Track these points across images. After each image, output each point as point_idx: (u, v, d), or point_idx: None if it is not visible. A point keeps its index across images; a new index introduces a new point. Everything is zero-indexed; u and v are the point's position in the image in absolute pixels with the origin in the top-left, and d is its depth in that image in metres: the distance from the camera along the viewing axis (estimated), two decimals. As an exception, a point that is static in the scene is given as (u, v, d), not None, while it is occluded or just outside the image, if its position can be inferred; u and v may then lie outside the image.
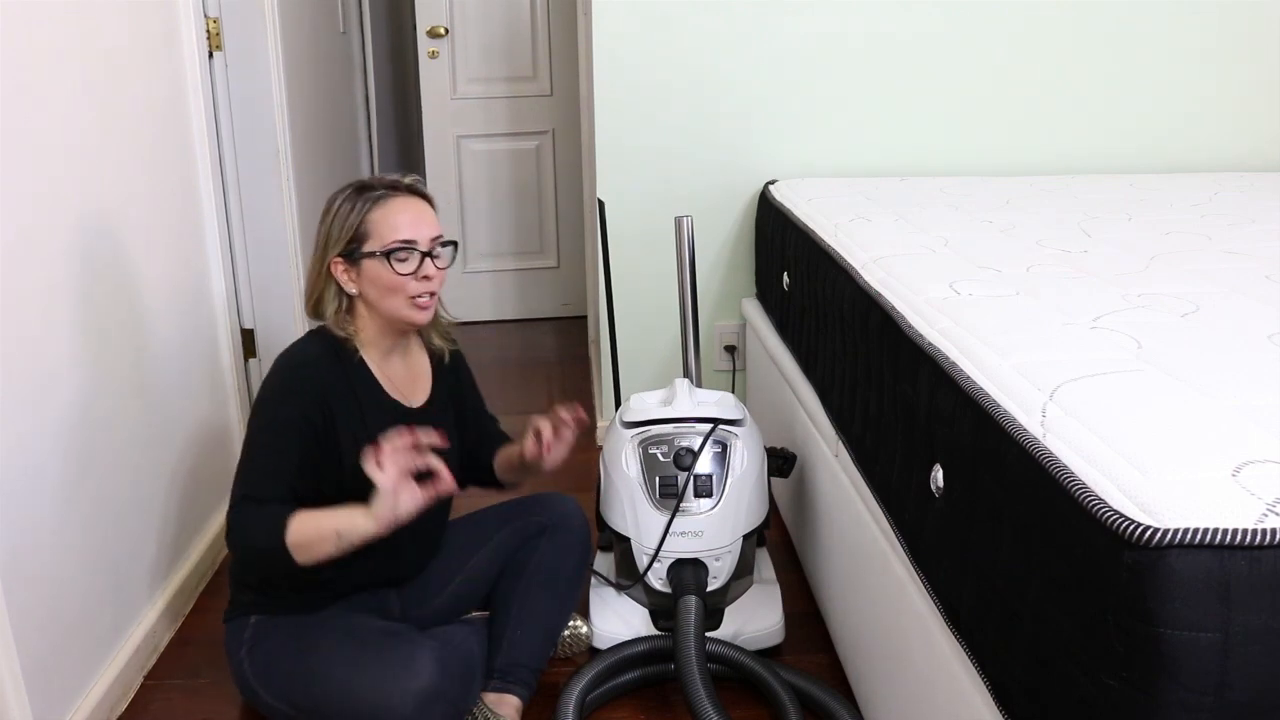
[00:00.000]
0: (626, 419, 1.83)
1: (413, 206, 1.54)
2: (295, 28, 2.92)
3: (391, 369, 1.62)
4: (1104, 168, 2.65)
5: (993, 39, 2.55)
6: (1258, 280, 1.46)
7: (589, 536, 1.79)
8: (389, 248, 1.50)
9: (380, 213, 1.51)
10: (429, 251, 1.53)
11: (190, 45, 2.12)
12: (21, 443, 1.46)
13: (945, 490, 1.20)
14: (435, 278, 1.54)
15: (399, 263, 1.50)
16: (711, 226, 2.62)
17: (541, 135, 3.94)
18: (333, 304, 1.56)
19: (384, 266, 1.50)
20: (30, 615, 1.47)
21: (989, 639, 1.08)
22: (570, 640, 1.83)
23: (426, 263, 1.52)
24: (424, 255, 1.52)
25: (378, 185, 1.54)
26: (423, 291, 1.53)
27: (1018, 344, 1.20)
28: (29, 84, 1.50)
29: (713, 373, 2.75)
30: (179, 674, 1.82)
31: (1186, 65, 2.60)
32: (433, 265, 1.53)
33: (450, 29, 3.80)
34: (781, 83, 2.54)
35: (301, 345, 1.57)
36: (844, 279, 1.70)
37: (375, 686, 1.43)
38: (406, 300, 1.53)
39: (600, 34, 2.48)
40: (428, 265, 1.52)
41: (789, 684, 1.63)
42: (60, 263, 1.59)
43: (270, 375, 1.55)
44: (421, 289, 1.52)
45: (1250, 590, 0.78)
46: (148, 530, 1.87)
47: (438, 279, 1.55)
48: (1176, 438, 0.92)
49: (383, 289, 1.52)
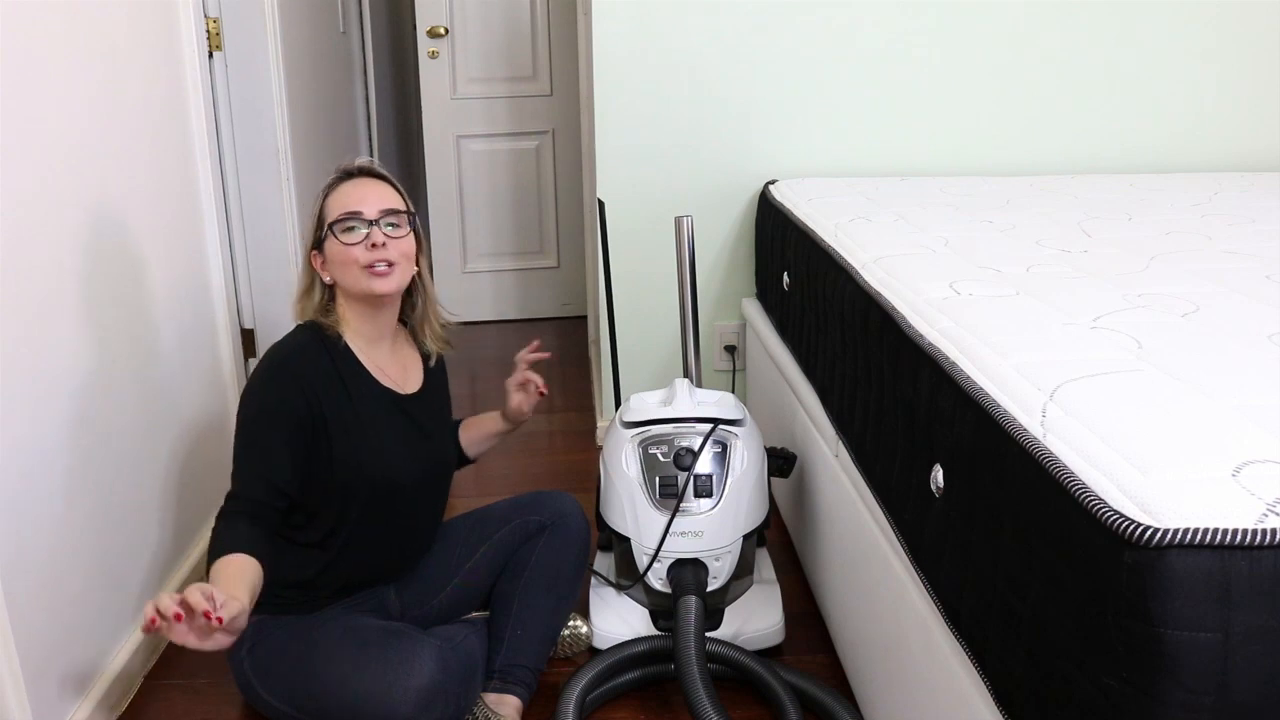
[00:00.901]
0: (626, 419, 1.83)
1: (361, 185, 1.58)
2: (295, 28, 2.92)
3: (379, 357, 1.63)
4: (1104, 168, 2.65)
5: (993, 39, 2.55)
6: (1258, 280, 1.46)
7: (589, 536, 1.79)
8: (334, 219, 1.55)
9: (333, 196, 1.57)
10: (375, 219, 1.55)
11: (190, 45, 2.12)
12: (21, 443, 1.46)
13: (945, 490, 1.20)
14: (388, 246, 1.55)
15: (344, 233, 1.54)
16: (711, 226, 2.62)
17: (541, 135, 3.94)
18: (316, 296, 1.60)
19: (334, 242, 1.54)
20: (30, 615, 1.47)
21: (989, 639, 1.07)
22: (570, 640, 1.83)
23: (374, 231, 1.54)
24: (370, 224, 1.54)
25: (336, 174, 1.61)
26: (375, 260, 1.54)
27: (1018, 344, 1.20)
28: (29, 84, 1.50)
29: (713, 373, 2.75)
30: (179, 674, 1.82)
31: (1186, 65, 2.60)
32: (380, 233, 1.54)
33: (450, 29, 3.80)
34: (781, 83, 2.54)
35: (288, 337, 1.60)
36: (844, 279, 1.70)
37: (376, 684, 1.43)
38: (361, 270, 1.54)
39: (600, 34, 2.48)
40: (375, 233, 1.54)
41: (789, 684, 1.63)
42: (60, 263, 1.59)
43: (257, 368, 1.56)
44: (372, 257, 1.53)
45: (1250, 590, 0.78)
46: (148, 530, 1.87)
47: (393, 248, 1.55)
48: (1176, 438, 0.92)
49: (339, 265, 1.55)
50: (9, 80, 1.45)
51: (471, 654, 1.59)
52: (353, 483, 1.55)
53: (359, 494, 1.56)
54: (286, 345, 1.58)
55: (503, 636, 1.67)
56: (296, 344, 1.57)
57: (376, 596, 1.68)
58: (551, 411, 3.08)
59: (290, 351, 1.56)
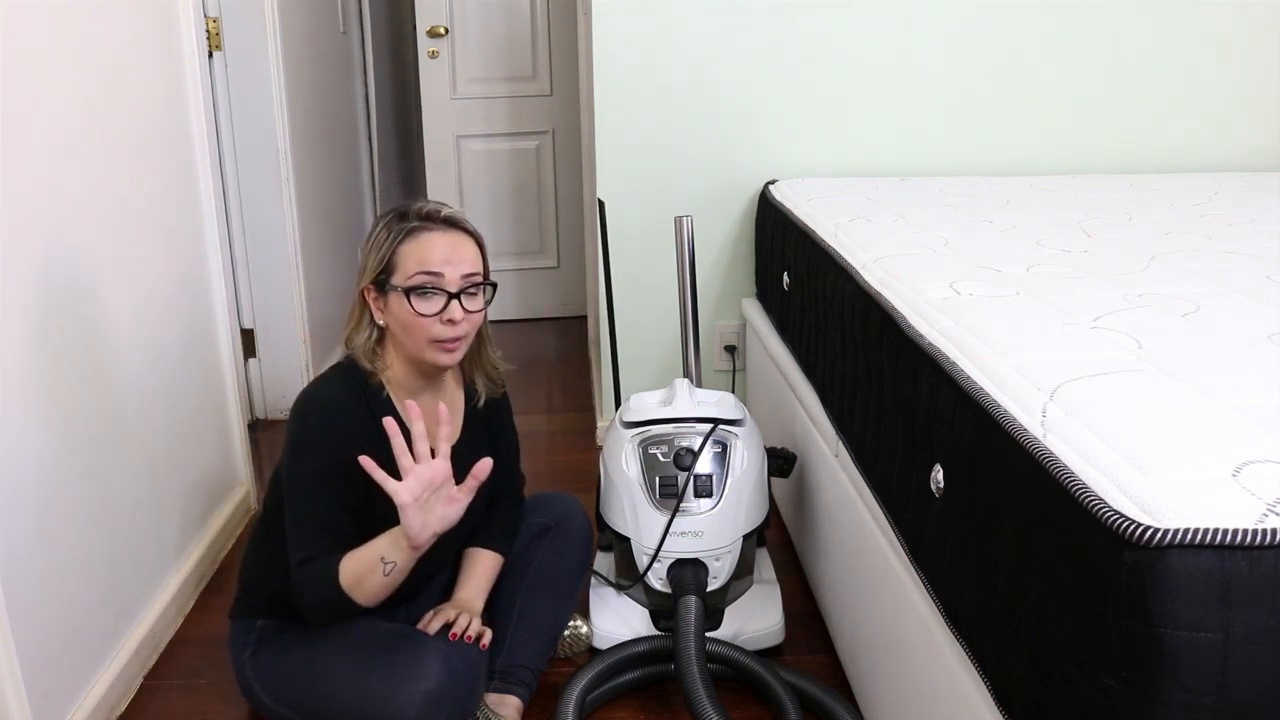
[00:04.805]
0: (626, 419, 1.83)
1: (446, 240, 1.42)
2: (295, 28, 2.92)
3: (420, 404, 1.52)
4: (1104, 168, 2.65)
5: (993, 39, 2.55)
6: (1258, 280, 1.46)
7: (590, 537, 1.78)
8: (411, 283, 1.40)
9: (410, 245, 1.41)
10: (457, 292, 1.42)
11: (190, 45, 2.12)
12: (21, 443, 1.46)
13: (945, 490, 1.20)
14: (463, 322, 1.42)
15: (420, 300, 1.40)
16: (711, 226, 2.62)
17: (541, 135, 3.94)
18: (364, 333, 1.48)
19: (404, 304, 1.41)
20: (30, 615, 1.47)
21: (989, 639, 1.08)
22: (570, 640, 1.83)
23: (453, 305, 1.41)
24: (450, 296, 1.41)
25: (414, 215, 1.45)
26: (448, 336, 1.42)
27: (1018, 344, 1.20)
28: (28, 83, 1.50)
29: (713, 373, 2.75)
30: (179, 674, 1.82)
31: (1187, 65, 2.60)
32: (460, 307, 1.41)
33: (450, 29, 3.80)
34: (781, 83, 2.54)
35: (326, 388, 1.48)
36: (844, 279, 1.70)
37: (382, 688, 1.41)
38: (429, 343, 1.43)
39: (600, 34, 2.48)
40: (454, 308, 1.41)
41: (789, 684, 1.63)
42: (60, 263, 1.58)
43: (299, 419, 1.45)
44: (446, 334, 1.42)
45: (1250, 590, 0.78)
46: (148, 530, 1.87)
47: (467, 323, 1.43)
48: (1176, 438, 0.92)
49: (404, 327, 1.43)
50: (8, 80, 1.45)
51: (476, 657, 1.58)
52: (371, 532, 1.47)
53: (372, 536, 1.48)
54: (327, 399, 1.46)
55: (504, 637, 1.66)
56: (337, 399, 1.45)
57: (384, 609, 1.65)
58: (551, 411, 3.08)
59: (331, 407, 1.45)
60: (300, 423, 1.45)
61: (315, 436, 1.44)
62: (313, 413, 1.45)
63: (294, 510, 1.44)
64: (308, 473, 1.43)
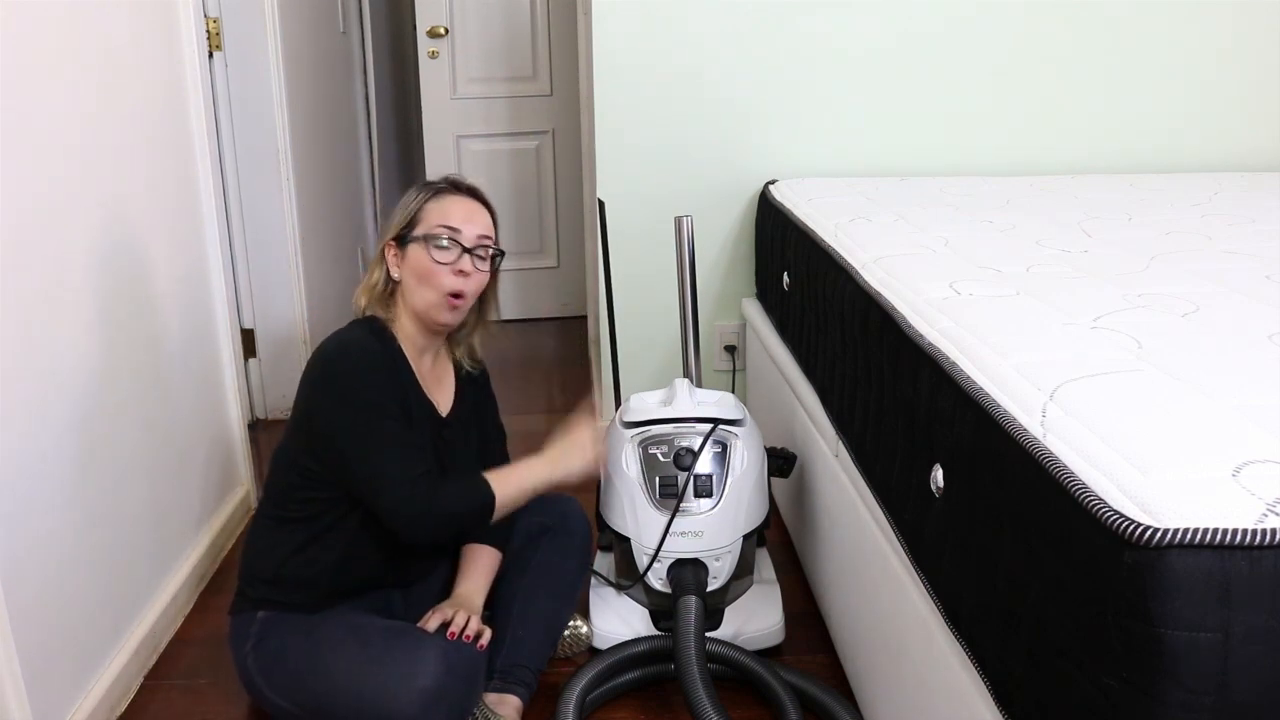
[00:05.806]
0: (626, 419, 1.83)
1: (467, 204, 1.59)
2: (295, 28, 2.92)
3: (424, 367, 1.63)
4: (1104, 168, 2.65)
5: (993, 39, 2.55)
6: (1258, 280, 1.46)
7: (590, 537, 1.79)
8: (433, 232, 1.54)
9: (435, 204, 1.57)
10: (471, 248, 1.55)
11: (190, 45, 2.12)
12: (21, 444, 1.46)
13: (945, 490, 1.20)
14: (472, 277, 1.56)
15: (438, 249, 1.54)
16: (711, 226, 2.62)
17: (541, 135, 3.94)
18: (377, 287, 1.59)
19: (424, 251, 1.54)
20: (30, 615, 1.47)
21: (989, 639, 1.08)
22: (570, 640, 1.83)
23: (465, 258, 1.55)
24: (465, 250, 1.55)
25: (442, 181, 1.62)
26: (456, 289, 1.54)
27: (1018, 344, 1.20)
28: (28, 84, 1.50)
29: (713, 373, 2.75)
30: (179, 674, 1.82)
31: (1187, 65, 2.60)
32: (471, 261, 1.55)
33: (450, 29, 3.80)
34: (781, 83, 2.54)
35: (351, 332, 1.55)
36: (844, 279, 1.70)
37: (381, 684, 1.42)
38: (438, 295, 1.54)
39: (600, 34, 2.48)
40: (465, 260, 1.55)
41: (789, 684, 1.63)
42: (60, 263, 1.58)
43: (334, 361, 1.51)
44: (455, 285, 1.54)
45: (1250, 590, 0.78)
46: (148, 530, 1.87)
47: (474, 280, 1.56)
48: (1176, 438, 0.92)
49: (417, 275, 1.55)
50: (8, 80, 1.45)
51: (475, 655, 1.58)
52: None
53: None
54: (360, 341, 1.53)
55: (504, 636, 1.66)
56: (369, 342, 1.53)
57: (382, 596, 1.67)
58: (551, 411, 3.08)
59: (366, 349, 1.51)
60: (338, 364, 1.51)
61: (359, 369, 1.50)
62: (347, 355, 1.52)
63: (374, 445, 1.47)
64: (370, 403, 1.48)
